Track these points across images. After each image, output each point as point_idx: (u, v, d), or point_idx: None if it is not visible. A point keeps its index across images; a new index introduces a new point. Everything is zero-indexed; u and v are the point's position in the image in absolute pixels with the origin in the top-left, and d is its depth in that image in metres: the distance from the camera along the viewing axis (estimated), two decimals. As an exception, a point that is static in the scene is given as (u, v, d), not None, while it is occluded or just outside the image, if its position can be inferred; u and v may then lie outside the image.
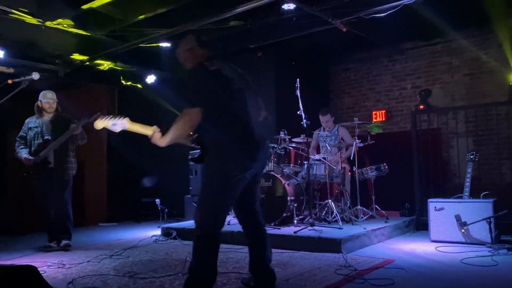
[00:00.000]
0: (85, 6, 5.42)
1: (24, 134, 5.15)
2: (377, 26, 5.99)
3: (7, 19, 5.60)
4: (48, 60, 6.80)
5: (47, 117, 5.17)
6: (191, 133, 2.93)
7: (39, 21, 5.81)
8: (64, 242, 5.06)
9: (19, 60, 6.45)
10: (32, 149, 5.05)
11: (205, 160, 2.90)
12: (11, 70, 6.19)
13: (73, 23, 6.09)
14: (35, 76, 3.75)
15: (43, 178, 5.03)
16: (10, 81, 3.72)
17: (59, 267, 4.10)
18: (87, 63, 6.87)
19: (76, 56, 6.74)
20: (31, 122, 5.16)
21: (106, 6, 5.62)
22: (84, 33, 6.42)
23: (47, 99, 5.14)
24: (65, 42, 6.41)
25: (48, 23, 5.91)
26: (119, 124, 2.92)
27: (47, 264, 4.21)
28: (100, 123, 2.97)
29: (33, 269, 2.39)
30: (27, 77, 3.79)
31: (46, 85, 7.34)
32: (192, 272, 2.81)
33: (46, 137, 5.05)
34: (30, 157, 4.96)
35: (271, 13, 5.89)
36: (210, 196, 2.82)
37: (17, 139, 5.16)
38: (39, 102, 5.14)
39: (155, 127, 2.94)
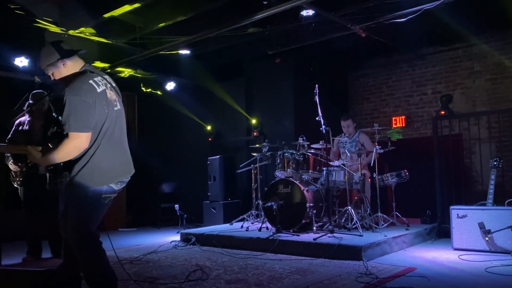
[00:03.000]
0: (106, 15, 5.53)
1: (13, 137, 4.82)
2: (396, 31, 5.95)
3: (32, 28, 5.74)
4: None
5: (39, 121, 4.84)
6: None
7: (62, 30, 5.94)
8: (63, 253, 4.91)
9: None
10: (21, 153, 4.57)
11: (72, 176, 2.73)
12: (36, 78, 6.33)
13: (94, 32, 6.22)
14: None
15: (32, 186, 4.73)
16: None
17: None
18: (108, 70, 6.97)
19: (98, 64, 6.85)
20: (22, 124, 4.83)
21: (127, 15, 5.72)
22: (106, 41, 6.55)
23: (41, 102, 4.75)
24: (87, 50, 6.52)
25: (70, 32, 6.04)
26: None
27: (69, 269, 4.26)
28: None
29: (56, 274, 2.43)
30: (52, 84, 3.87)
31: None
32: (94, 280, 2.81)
33: (37, 142, 4.77)
34: (18, 164, 4.65)
35: (290, 20, 5.90)
36: (87, 216, 2.75)
37: (6, 141, 4.79)
38: (31, 105, 4.73)
39: (29, 147, 2.78)
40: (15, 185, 4.82)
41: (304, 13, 5.44)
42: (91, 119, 2.60)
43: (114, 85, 2.89)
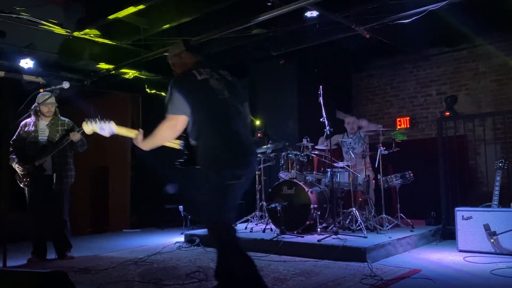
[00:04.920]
0: (111, 17, 5.54)
1: (18, 138, 4.85)
2: (401, 32, 5.94)
3: (37, 30, 5.77)
4: (75, 69, 6.97)
5: (44, 121, 4.88)
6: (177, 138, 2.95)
7: (67, 32, 5.97)
8: (68, 254, 4.91)
9: (48, 70, 6.63)
10: (26, 154, 4.75)
11: (198, 170, 2.84)
12: (41, 80, 6.37)
13: (99, 33, 6.23)
14: (66, 85, 3.84)
15: (39, 186, 4.76)
16: (41, 90, 3.82)
17: (85, 273, 4.16)
18: (113, 72, 7.01)
19: (102, 65, 6.89)
20: (27, 125, 4.85)
21: (132, 16, 5.74)
22: (110, 42, 6.57)
23: (47, 102, 4.75)
24: (91, 51, 6.56)
25: (75, 33, 6.05)
26: (107, 128, 2.98)
27: (73, 270, 4.27)
28: (88, 127, 3.00)
29: (63, 275, 2.43)
30: (58, 86, 3.90)
31: (72, 93, 7.55)
32: (228, 280, 2.80)
33: (42, 143, 4.77)
34: (24, 166, 4.70)
35: (294, 21, 5.90)
36: (212, 206, 2.77)
37: (11, 143, 4.81)
38: (37, 106, 4.74)
39: (139, 130, 2.97)
40: (22, 186, 4.84)
41: (308, 14, 5.43)
42: (185, 104, 2.78)
43: (228, 78, 3.04)
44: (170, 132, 2.85)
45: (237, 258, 2.73)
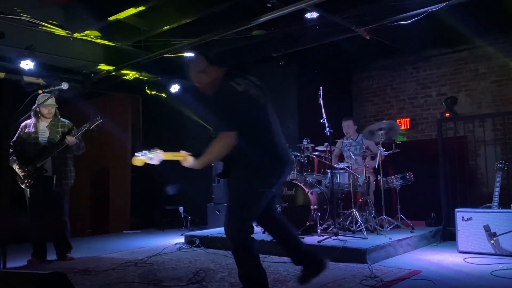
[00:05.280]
0: (111, 18, 5.54)
1: (19, 139, 4.86)
2: (401, 33, 5.95)
3: (37, 31, 5.78)
4: (75, 71, 6.98)
5: (45, 122, 4.89)
6: None
7: (67, 33, 5.97)
8: (68, 256, 4.91)
9: (48, 71, 6.63)
10: (27, 156, 4.76)
11: (232, 175, 2.95)
12: (41, 81, 6.37)
13: (100, 34, 6.24)
14: (64, 86, 3.84)
15: (39, 187, 4.76)
16: (40, 92, 3.82)
17: (85, 274, 4.16)
18: (113, 73, 7.01)
19: (102, 66, 6.88)
20: (27, 126, 4.86)
21: (132, 18, 5.75)
22: (110, 44, 6.57)
23: (47, 104, 4.77)
24: (92, 53, 6.57)
25: (76, 35, 6.07)
26: (155, 156, 2.99)
27: (73, 271, 4.27)
28: (138, 161, 3.02)
29: (63, 276, 2.43)
30: (57, 87, 3.90)
31: (73, 94, 7.56)
32: (246, 281, 2.94)
33: (42, 144, 4.78)
34: (25, 167, 4.72)
35: (294, 22, 5.90)
36: (239, 208, 2.90)
37: (11, 144, 4.81)
38: (37, 107, 4.75)
39: (184, 152, 2.97)
40: (23, 187, 4.85)
41: (308, 15, 5.43)
42: (236, 118, 2.83)
43: (258, 83, 3.08)
44: (224, 151, 2.85)
45: (251, 260, 2.93)
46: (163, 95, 8.29)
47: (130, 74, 7.45)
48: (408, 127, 7.63)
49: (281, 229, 3.21)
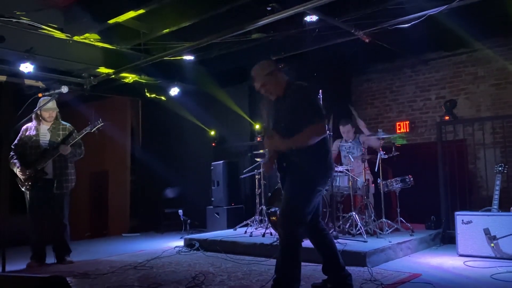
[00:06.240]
0: (111, 21, 5.55)
1: (20, 142, 4.89)
2: (400, 37, 5.94)
3: (37, 34, 5.78)
4: (75, 74, 6.98)
5: (45, 125, 4.93)
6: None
7: (67, 36, 5.98)
8: (67, 259, 4.92)
9: (47, 74, 6.63)
10: (28, 158, 4.78)
11: (293, 171, 3.16)
12: (40, 84, 6.37)
13: (99, 37, 6.25)
14: (64, 89, 3.85)
15: (40, 190, 4.79)
16: (40, 95, 3.82)
17: (84, 278, 4.15)
18: (113, 76, 7.01)
19: (102, 69, 6.88)
20: (28, 130, 4.90)
21: (132, 21, 5.75)
22: (110, 47, 6.58)
23: (48, 108, 4.83)
24: (91, 55, 6.57)
25: (75, 38, 6.07)
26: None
27: (73, 274, 4.27)
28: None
29: (62, 280, 2.43)
30: (57, 91, 3.90)
31: (72, 97, 7.56)
32: (281, 273, 3.08)
33: (43, 147, 4.80)
34: (26, 170, 4.73)
35: (294, 25, 5.91)
36: (299, 203, 3.10)
37: (12, 147, 4.86)
38: (38, 110, 4.82)
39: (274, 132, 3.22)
40: (24, 190, 4.85)
41: (308, 19, 5.44)
42: (323, 112, 3.17)
43: None
44: (316, 139, 3.11)
45: (295, 254, 3.10)
46: (163, 98, 8.29)
47: (130, 77, 7.45)
48: (408, 130, 7.63)
49: (322, 233, 3.40)
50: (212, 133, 8.38)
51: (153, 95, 8.19)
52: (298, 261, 3.13)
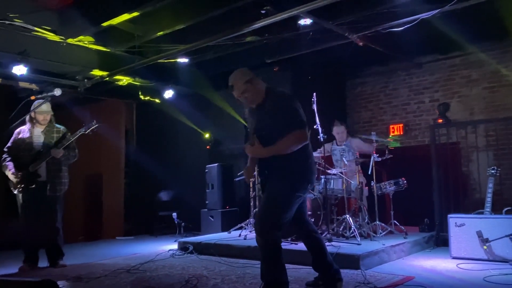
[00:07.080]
0: (105, 23, 5.54)
1: (13, 145, 4.84)
2: (394, 40, 5.98)
3: (31, 36, 5.76)
4: (69, 76, 6.95)
5: (39, 128, 4.86)
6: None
7: (61, 38, 5.96)
8: (60, 262, 4.87)
9: (41, 76, 6.61)
10: (21, 161, 4.73)
11: (273, 178, 3.19)
12: (34, 86, 6.34)
13: (93, 40, 6.24)
14: (57, 92, 3.83)
15: (32, 193, 4.72)
16: (33, 97, 3.80)
17: (77, 281, 4.12)
18: (107, 78, 6.99)
19: (96, 72, 6.87)
20: (22, 132, 4.85)
21: (126, 23, 5.74)
22: (104, 49, 6.57)
23: (42, 111, 4.78)
24: (85, 58, 6.56)
25: (69, 40, 6.06)
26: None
27: (65, 278, 4.24)
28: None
29: (53, 284, 2.41)
30: (50, 93, 3.89)
31: (66, 99, 7.52)
32: (267, 279, 3.09)
33: (37, 149, 4.75)
34: (18, 173, 4.68)
35: (288, 29, 5.93)
36: (277, 208, 3.11)
37: (5, 150, 4.81)
38: (32, 113, 4.77)
39: (256, 141, 3.22)
40: (16, 192, 4.80)
41: (302, 22, 5.47)
42: (304, 119, 3.19)
43: None
44: (297, 146, 3.13)
45: (277, 258, 3.10)
46: (157, 100, 8.28)
47: (124, 80, 7.44)
48: (401, 133, 7.66)
49: (310, 234, 3.42)
50: (207, 135, 8.38)
51: (147, 98, 8.18)
52: (281, 264, 3.13)
